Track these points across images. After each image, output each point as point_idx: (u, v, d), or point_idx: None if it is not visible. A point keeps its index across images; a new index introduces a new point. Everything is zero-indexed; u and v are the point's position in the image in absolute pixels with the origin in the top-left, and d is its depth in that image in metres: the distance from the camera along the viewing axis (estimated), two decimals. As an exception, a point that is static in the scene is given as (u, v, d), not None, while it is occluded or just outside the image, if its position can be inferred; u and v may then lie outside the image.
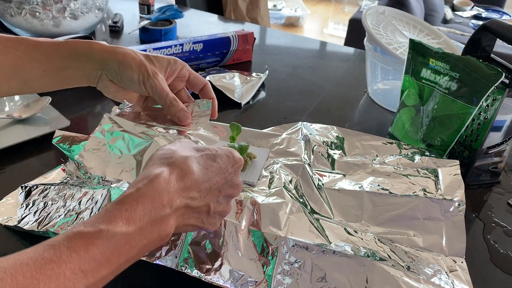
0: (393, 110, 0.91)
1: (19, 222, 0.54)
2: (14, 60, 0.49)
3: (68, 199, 0.53)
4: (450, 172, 0.63)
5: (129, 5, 1.42)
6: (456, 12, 3.28)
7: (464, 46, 0.74)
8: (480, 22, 2.37)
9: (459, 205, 0.58)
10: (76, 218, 0.50)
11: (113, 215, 0.33)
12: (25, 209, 0.56)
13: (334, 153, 0.67)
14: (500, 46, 2.12)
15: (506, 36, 0.65)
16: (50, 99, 0.79)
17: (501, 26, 0.66)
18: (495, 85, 0.62)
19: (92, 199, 0.51)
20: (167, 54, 0.96)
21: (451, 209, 0.58)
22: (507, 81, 0.62)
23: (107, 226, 0.32)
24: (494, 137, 0.68)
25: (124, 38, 1.20)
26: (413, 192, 0.59)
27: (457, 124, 0.67)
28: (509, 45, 0.67)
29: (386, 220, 0.57)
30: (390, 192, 0.59)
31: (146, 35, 1.15)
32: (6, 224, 0.55)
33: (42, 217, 0.53)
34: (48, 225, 0.52)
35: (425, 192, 0.59)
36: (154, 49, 0.94)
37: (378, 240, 0.54)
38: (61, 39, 0.94)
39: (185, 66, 0.56)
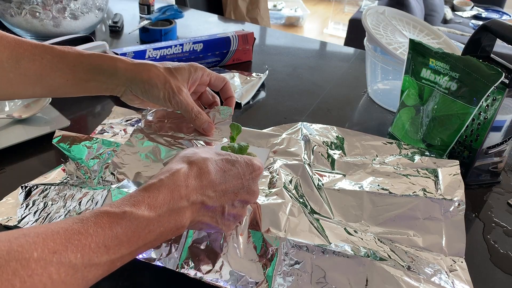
0: (393, 110, 0.91)
1: (19, 222, 0.54)
2: (40, 68, 0.50)
3: (68, 199, 0.53)
4: (450, 172, 0.63)
5: (129, 5, 1.42)
6: (456, 12, 3.28)
7: (464, 46, 0.74)
8: (480, 22, 2.37)
9: (459, 205, 0.58)
10: None
11: (137, 200, 0.37)
12: (25, 209, 0.56)
13: (334, 153, 0.67)
14: (500, 46, 2.13)
15: (506, 36, 0.65)
16: (50, 99, 0.79)
17: (501, 26, 0.66)
18: (495, 85, 0.62)
19: (92, 200, 0.51)
20: (167, 54, 0.96)
21: (451, 209, 0.58)
22: (507, 81, 0.62)
23: (131, 209, 0.36)
24: (494, 137, 0.68)
25: (124, 38, 1.20)
26: (413, 192, 0.59)
27: (457, 124, 0.67)
28: (509, 45, 0.67)
29: (386, 220, 0.57)
30: (390, 192, 0.59)
31: (146, 35, 1.15)
32: (6, 224, 0.55)
33: (42, 217, 0.53)
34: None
35: (425, 192, 0.59)
36: (154, 49, 0.94)
37: (378, 240, 0.54)
38: (62, 39, 0.94)
39: (205, 72, 0.57)
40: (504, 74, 0.61)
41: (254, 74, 1.00)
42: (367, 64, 0.97)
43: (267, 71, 1.01)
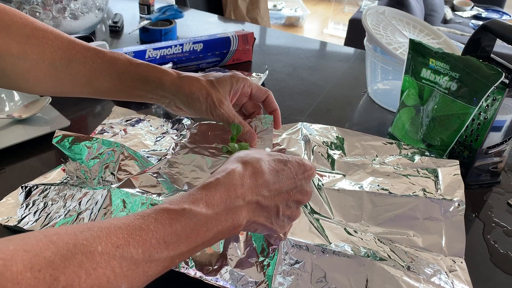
0: (393, 110, 0.91)
1: (19, 222, 0.54)
2: (90, 71, 0.52)
3: (68, 199, 0.53)
4: (450, 172, 0.63)
5: (129, 5, 1.42)
6: (456, 12, 3.28)
7: (464, 46, 0.74)
8: (480, 22, 2.37)
9: (458, 205, 0.58)
10: (76, 218, 0.50)
11: (196, 198, 0.38)
12: (25, 209, 0.56)
13: (334, 153, 0.67)
14: (500, 46, 2.13)
15: (506, 36, 0.65)
16: (50, 99, 0.79)
17: (501, 26, 0.66)
18: (495, 85, 0.62)
19: (92, 199, 0.51)
20: (167, 54, 0.96)
21: (450, 209, 0.58)
22: (507, 81, 0.62)
23: (189, 206, 0.36)
24: (494, 137, 0.68)
25: (124, 38, 1.20)
26: (413, 192, 0.59)
27: (457, 124, 0.67)
28: (509, 45, 0.67)
29: (385, 220, 0.57)
30: (389, 192, 0.59)
31: (146, 35, 1.15)
32: (6, 224, 0.55)
33: (42, 217, 0.53)
34: (48, 225, 0.52)
35: (425, 192, 0.59)
36: (154, 49, 0.94)
37: (378, 240, 0.54)
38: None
39: (247, 82, 0.58)
40: (504, 74, 0.61)
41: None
42: (367, 64, 0.97)
43: (267, 71, 1.00)
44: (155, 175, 0.54)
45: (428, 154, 0.68)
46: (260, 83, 0.97)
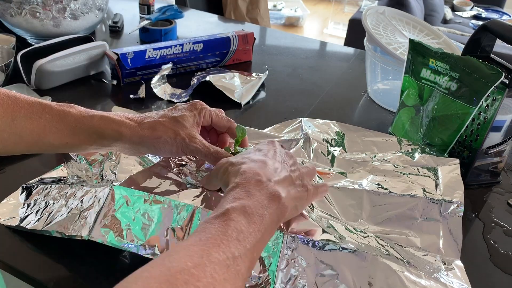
0: (393, 110, 0.91)
1: (21, 221, 0.54)
2: (37, 128, 0.47)
3: (70, 197, 0.53)
4: (450, 171, 0.63)
5: (129, 5, 1.42)
6: (456, 12, 3.28)
7: (464, 46, 0.74)
8: (480, 22, 2.37)
9: (457, 206, 0.58)
10: (79, 216, 0.50)
11: (231, 199, 0.40)
12: (27, 208, 0.56)
13: (335, 150, 0.67)
14: (500, 46, 2.13)
15: (506, 36, 0.65)
16: (50, 99, 0.79)
17: (501, 26, 0.66)
18: (495, 85, 0.62)
19: (94, 197, 0.51)
20: (167, 54, 0.96)
21: (449, 210, 0.58)
22: (507, 81, 0.62)
23: (230, 205, 0.39)
24: (494, 137, 0.68)
25: (124, 38, 1.20)
26: (412, 192, 0.59)
27: (457, 124, 0.67)
28: (509, 45, 0.67)
29: (384, 220, 0.57)
30: (389, 192, 0.59)
31: (146, 35, 1.15)
32: (8, 224, 0.55)
33: (44, 216, 0.53)
34: (51, 224, 0.52)
35: (424, 192, 0.59)
36: (154, 49, 0.94)
37: (378, 237, 0.54)
38: (62, 39, 0.94)
39: (207, 112, 0.56)
40: (504, 74, 0.61)
41: (254, 74, 1.00)
42: (367, 64, 0.97)
43: (267, 71, 1.01)
44: (156, 173, 0.54)
45: (428, 150, 0.68)
46: (260, 83, 0.97)
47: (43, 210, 0.54)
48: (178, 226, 0.48)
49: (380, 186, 0.60)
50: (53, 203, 0.54)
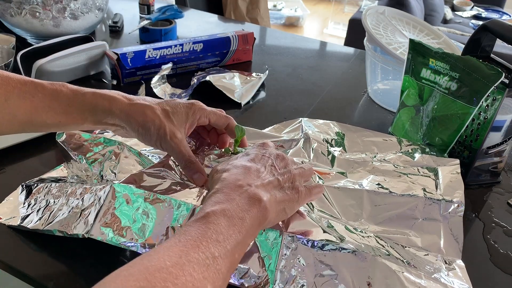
0: (393, 110, 0.91)
1: (22, 221, 0.54)
2: (30, 108, 0.47)
3: (71, 196, 0.53)
4: (450, 171, 0.63)
5: (129, 5, 1.42)
6: (456, 12, 3.28)
7: (464, 46, 0.74)
8: (480, 22, 2.37)
9: (458, 206, 0.58)
10: (80, 215, 0.50)
11: (211, 203, 0.41)
12: (28, 208, 0.56)
13: (335, 150, 0.67)
14: (500, 46, 2.13)
15: (506, 36, 0.65)
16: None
17: (501, 26, 0.66)
18: (495, 85, 0.62)
19: (95, 195, 0.51)
20: (167, 54, 0.96)
21: (450, 210, 0.58)
22: (507, 81, 0.62)
23: (211, 209, 0.40)
24: (494, 137, 0.68)
25: (124, 38, 1.20)
26: (413, 192, 0.59)
27: (457, 124, 0.67)
28: (509, 45, 0.67)
29: (385, 220, 0.57)
30: (389, 191, 0.59)
31: (146, 35, 1.15)
32: (9, 223, 0.55)
33: (46, 215, 0.53)
34: (53, 223, 0.52)
35: (425, 192, 0.59)
36: (154, 49, 0.94)
37: (378, 237, 0.54)
38: (62, 39, 0.94)
39: (204, 113, 0.55)
40: (504, 74, 0.61)
41: (254, 74, 1.00)
42: (367, 64, 0.97)
43: (267, 71, 1.01)
44: (156, 172, 0.54)
45: (428, 151, 0.68)
46: (260, 83, 0.97)
47: (44, 209, 0.54)
48: (178, 225, 0.48)
49: (380, 186, 0.60)
50: (54, 202, 0.54)
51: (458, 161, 0.65)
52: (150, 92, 0.89)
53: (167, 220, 0.48)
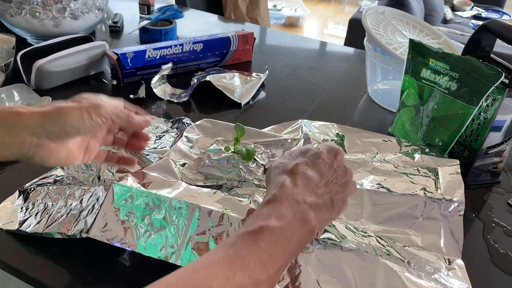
0: (393, 110, 0.91)
1: (20, 225, 0.54)
2: None
3: (69, 198, 0.53)
4: (450, 172, 0.63)
5: (129, 5, 1.42)
6: (456, 12, 3.28)
7: (464, 46, 0.74)
8: (480, 22, 2.37)
9: (458, 205, 0.58)
10: (79, 215, 0.50)
11: (265, 215, 0.40)
12: (25, 212, 0.56)
13: None
14: (500, 46, 2.13)
15: (506, 36, 0.65)
16: (50, 99, 0.79)
17: (501, 26, 0.66)
18: (495, 85, 0.62)
19: (94, 196, 0.51)
20: (167, 54, 0.96)
21: (450, 209, 0.58)
22: (507, 81, 0.62)
23: (264, 223, 0.39)
24: (494, 137, 0.68)
25: (124, 38, 1.20)
26: (413, 191, 0.59)
27: (457, 124, 0.67)
28: (509, 45, 0.67)
29: (385, 219, 0.57)
30: (390, 191, 0.59)
31: (146, 35, 1.15)
32: (7, 228, 0.55)
33: (44, 218, 0.53)
34: (51, 226, 0.52)
35: (425, 192, 0.59)
36: (154, 49, 0.94)
37: (379, 237, 0.54)
38: (62, 39, 0.94)
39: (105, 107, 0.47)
40: (504, 74, 0.61)
41: (254, 74, 1.00)
42: (367, 64, 0.97)
43: (267, 71, 1.00)
44: (155, 171, 0.54)
45: (428, 151, 0.68)
46: (260, 83, 0.97)
47: (42, 212, 0.54)
48: (178, 224, 0.48)
49: (380, 185, 0.60)
50: (52, 204, 0.54)
51: (458, 161, 0.65)
52: (150, 92, 0.89)
53: (168, 219, 0.48)
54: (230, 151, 0.62)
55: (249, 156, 0.60)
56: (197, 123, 0.69)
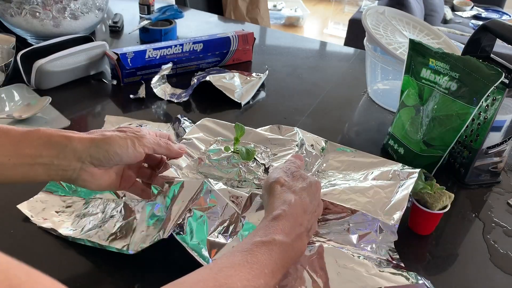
0: (393, 110, 0.91)
1: (57, 226, 0.56)
2: None
3: (107, 209, 0.57)
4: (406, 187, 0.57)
5: (129, 5, 1.42)
6: (456, 12, 3.28)
7: (464, 46, 0.74)
8: (480, 22, 2.37)
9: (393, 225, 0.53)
10: (114, 228, 0.54)
11: (276, 229, 0.44)
12: (61, 214, 0.58)
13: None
14: (500, 46, 2.12)
15: (506, 36, 0.65)
16: (50, 99, 0.79)
17: (501, 26, 0.66)
18: (495, 85, 0.62)
19: (133, 210, 0.56)
20: (167, 54, 0.96)
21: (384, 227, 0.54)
22: (507, 81, 0.62)
23: (276, 236, 0.43)
24: (494, 137, 0.68)
25: (124, 38, 1.20)
26: (352, 203, 0.56)
27: (457, 124, 0.67)
28: (509, 45, 0.67)
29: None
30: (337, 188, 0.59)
31: (146, 35, 1.15)
32: (42, 225, 0.56)
33: (81, 224, 0.56)
34: (87, 233, 0.54)
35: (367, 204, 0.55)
36: (154, 49, 0.94)
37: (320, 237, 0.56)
38: (62, 39, 0.94)
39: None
40: (504, 74, 0.61)
41: (254, 74, 1.00)
42: (367, 64, 0.97)
43: (267, 71, 1.01)
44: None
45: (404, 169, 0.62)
46: (260, 83, 0.97)
47: (81, 219, 0.57)
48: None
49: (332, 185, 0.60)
50: (91, 214, 0.57)
51: (416, 173, 0.60)
52: (150, 92, 0.89)
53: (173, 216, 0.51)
54: (230, 151, 0.62)
55: (249, 156, 0.60)
56: (197, 123, 0.69)
